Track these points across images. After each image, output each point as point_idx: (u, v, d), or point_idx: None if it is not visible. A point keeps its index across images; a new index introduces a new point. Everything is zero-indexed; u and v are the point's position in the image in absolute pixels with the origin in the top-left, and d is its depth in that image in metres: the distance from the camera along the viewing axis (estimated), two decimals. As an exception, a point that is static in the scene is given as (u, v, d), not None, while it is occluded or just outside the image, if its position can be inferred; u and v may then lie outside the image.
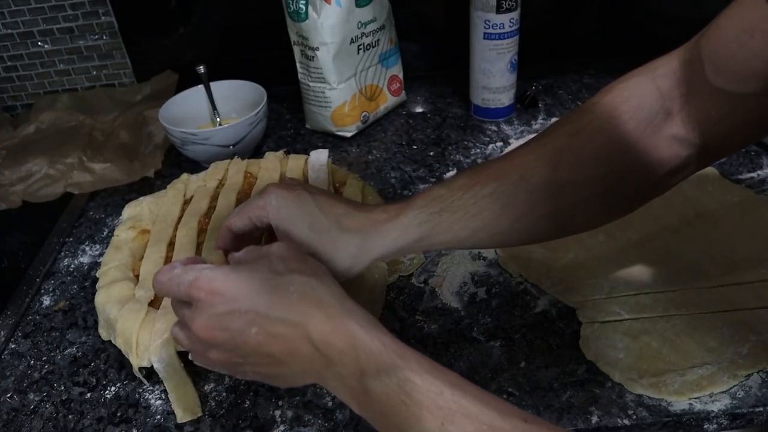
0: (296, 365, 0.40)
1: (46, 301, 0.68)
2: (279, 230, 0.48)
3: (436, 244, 0.49)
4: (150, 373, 0.56)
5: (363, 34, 0.85)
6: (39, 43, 1.00)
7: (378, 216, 0.48)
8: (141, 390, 0.56)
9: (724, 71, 0.42)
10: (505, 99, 0.89)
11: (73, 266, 0.72)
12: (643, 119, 0.46)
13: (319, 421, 0.52)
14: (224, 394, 0.55)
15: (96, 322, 0.62)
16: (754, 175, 0.74)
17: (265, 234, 0.52)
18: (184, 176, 0.76)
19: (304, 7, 0.81)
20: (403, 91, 0.97)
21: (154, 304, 0.59)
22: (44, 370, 0.59)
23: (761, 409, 0.50)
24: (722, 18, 0.42)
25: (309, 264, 0.43)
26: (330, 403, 0.53)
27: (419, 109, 0.97)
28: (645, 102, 0.46)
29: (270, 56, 0.96)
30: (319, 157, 0.74)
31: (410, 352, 0.39)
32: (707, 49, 0.43)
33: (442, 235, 0.48)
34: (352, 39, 0.84)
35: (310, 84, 0.87)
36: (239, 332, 0.39)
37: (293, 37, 0.86)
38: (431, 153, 0.84)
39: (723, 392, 0.51)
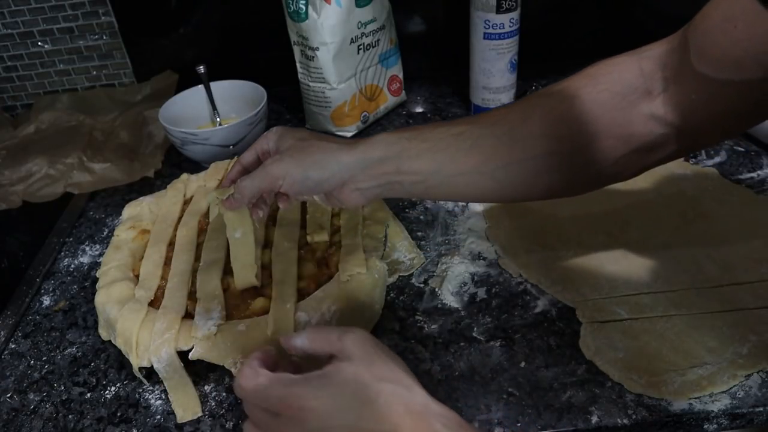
0: None
1: (46, 301, 0.68)
2: (273, 147, 0.53)
3: (403, 172, 0.51)
4: (150, 373, 0.56)
5: (363, 34, 0.85)
6: (39, 43, 1.00)
7: (352, 140, 0.53)
8: (141, 390, 0.56)
9: (707, 57, 0.44)
10: (505, 99, 0.89)
11: (73, 266, 0.72)
12: (619, 92, 0.48)
13: (319, 421, 0.52)
14: (224, 394, 0.55)
15: (96, 322, 0.62)
16: (754, 175, 0.75)
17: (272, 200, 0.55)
18: (184, 176, 0.76)
19: (304, 7, 0.81)
20: (403, 91, 0.97)
21: (154, 304, 0.59)
22: (44, 370, 0.59)
23: (761, 409, 0.50)
24: (709, 7, 0.44)
25: (393, 366, 0.43)
26: (330, 403, 0.53)
27: (419, 109, 0.97)
28: (625, 78, 0.49)
29: (270, 56, 0.96)
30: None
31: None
32: (693, 35, 0.45)
33: (408, 161, 0.51)
34: (352, 39, 0.84)
35: (310, 84, 0.87)
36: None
37: (293, 37, 0.86)
38: (431, 153, 0.84)
39: (723, 392, 0.51)
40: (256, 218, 0.55)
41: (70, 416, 0.55)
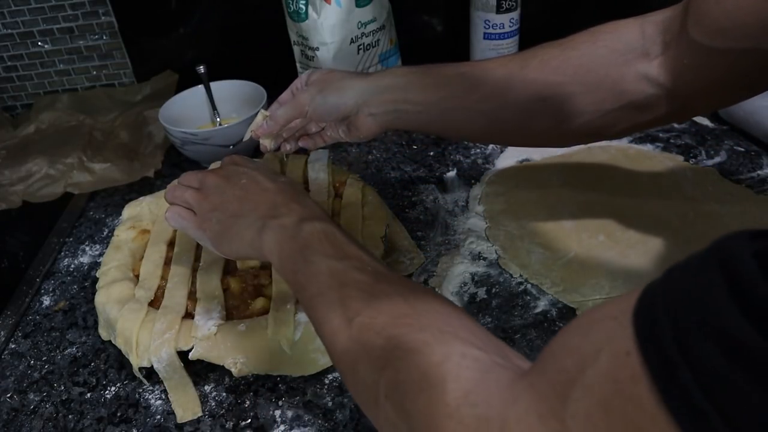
0: (252, 218, 0.50)
1: (46, 301, 0.68)
2: (305, 80, 0.62)
3: (409, 102, 0.58)
4: (150, 373, 0.56)
5: (363, 34, 0.85)
6: (39, 43, 1.00)
7: (371, 72, 0.62)
8: (141, 390, 0.56)
9: (700, 25, 0.46)
10: (505, 99, 0.89)
11: (73, 266, 0.72)
12: (617, 50, 0.52)
13: (319, 421, 0.52)
14: (224, 394, 0.55)
15: (96, 322, 0.62)
16: (754, 175, 0.74)
17: None
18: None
19: (304, 7, 0.81)
20: (403, 91, 0.97)
21: (154, 304, 0.59)
22: (44, 370, 0.59)
23: (761, 409, 0.50)
24: None
25: (295, 193, 0.54)
26: (330, 403, 0.53)
27: (419, 109, 0.97)
28: (625, 37, 0.52)
29: (270, 56, 0.96)
30: (319, 157, 0.74)
31: (339, 229, 0.48)
32: (692, 3, 0.47)
33: (414, 92, 0.57)
34: (352, 39, 0.84)
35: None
36: (232, 179, 0.53)
37: (293, 37, 0.86)
38: (431, 153, 0.84)
39: (723, 392, 0.50)
40: (284, 152, 0.66)
41: (70, 416, 0.55)
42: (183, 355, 0.54)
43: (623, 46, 0.52)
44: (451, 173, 0.80)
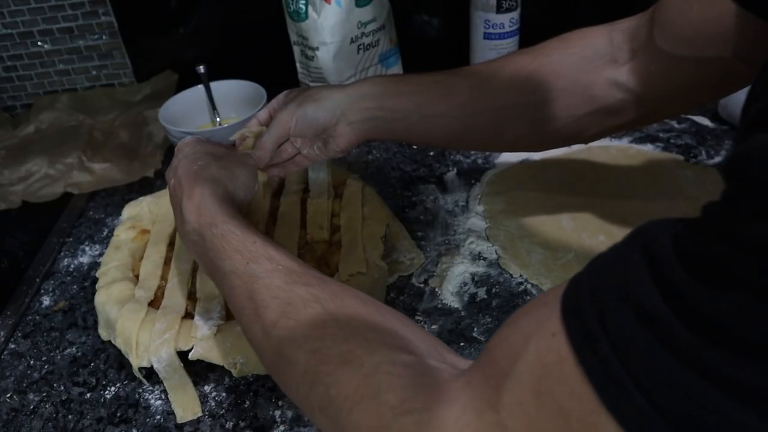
0: (177, 216, 0.52)
1: (46, 301, 0.67)
2: (283, 100, 0.62)
3: (385, 109, 0.58)
4: (150, 373, 0.56)
5: (363, 34, 0.85)
6: (39, 43, 1.00)
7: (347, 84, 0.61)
8: (141, 390, 0.56)
9: (665, 33, 0.48)
10: (505, 99, 0.89)
11: (72, 266, 0.72)
12: (587, 57, 0.54)
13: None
14: (224, 394, 0.55)
15: (96, 322, 0.62)
16: (754, 175, 0.74)
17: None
18: (184, 176, 0.76)
19: (304, 7, 0.81)
20: (403, 91, 0.97)
21: (154, 304, 0.59)
22: (44, 370, 0.59)
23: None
24: None
25: (234, 165, 0.56)
26: (330, 403, 0.53)
27: (419, 109, 0.97)
28: (594, 45, 0.54)
29: (270, 56, 0.96)
30: (319, 157, 0.74)
31: (242, 221, 0.47)
32: (658, 11, 0.49)
33: (390, 100, 0.58)
34: (352, 39, 0.84)
35: (310, 84, 0.87)
36: (169, 173, 0.55)
37: (293, 37, 0.86)
38: (431, 153, 0.84)
39: (723, 392, 0.51)
40: (270, 176, 0.65)
41: (70, 416, 0.55)
42: (183, 355, 0.54)
43: (592, 53, 0.54)
44: (451, 173, 0.80)
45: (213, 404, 0.54)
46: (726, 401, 0.21)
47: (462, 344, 0.57)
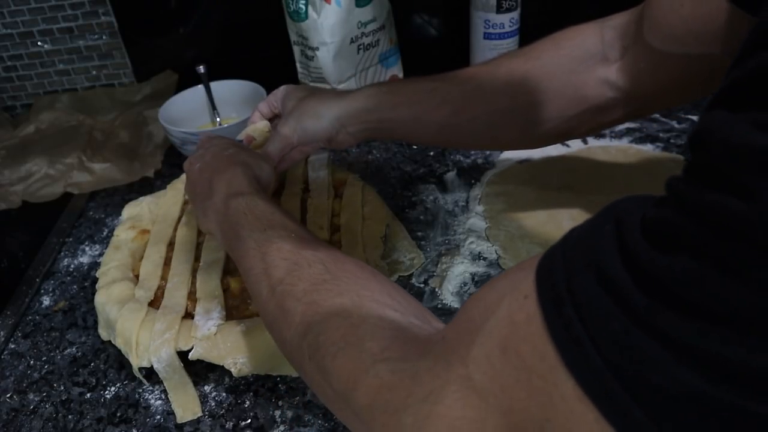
0: (199, 194, 0.55)
1: (46, 301, 0.67)
2: (281, 108, 0.66)
3: (384, 120, 0.60)
4: (150, 373, 0.56)
5: (363, 33, 0.85)
6: (39, 43, 1.00)
7: (344, 91, 0.63)
8: (141, 390, 0.56)
9: (655, 30, 0.48)
10: (505, 99, 0.89)
11: (72, 266, 0.72)
12: (578, 57, 0.54)
13: (319, 421, 0.52)
14: (224, 394, 0.55)
15: (96, 322, 0.62)
16: (754, 175, 0.74)
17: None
18: (184, 176, 0.76)
19: (304, 7, 0.81)
20: (403, 91, 0.97)
21: (154, 304, 0.59)
22: (44, 370, 0.59)
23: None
24: None
25: (254, 158, 0.59)
26: (330, 403, 0.53)
27: (419, 109, 0.97)
28: (586, 44, 0.54)
29: (270, 56, 0.96)
30: (319, 157, 0.74)
31: (265, 196, 0.52)
32: (647, 8, 0.49)
33: (387, 113, 0.59)
34: (352, 39, 0.84)
35: (310, 84, 0.87)
36: (195, 161, 0.59)
37: (293, 37, 0.86)
38: (431, 153, 0.84)
39: (723, 392, 0.50)
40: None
41: (70, 416, 0.55)
42: (183, 355, 0.54)
43: (584, 53, 0.54)
44: (451, 173, 0.80)
45: (213, 404, 0.54)
46: (674, 362, 0.22)
47: (462, 344, 0.57)
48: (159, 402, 0.55)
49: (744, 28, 0.41)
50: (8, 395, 0.57)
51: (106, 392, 0.56)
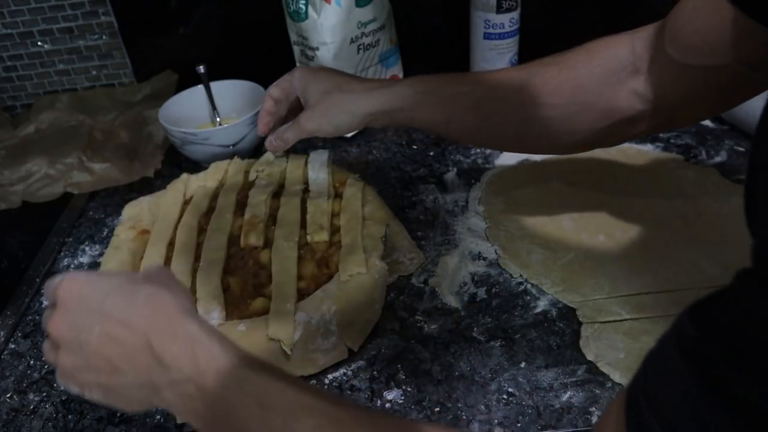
0: (133, 375, 0.38)
1: (46, 301, 0.67)
2: (301, 95, 0.65)
3: (416, 120, 0.61)
4: (150, 373, 0.56)
5: (363, 34, 0.85)
6: (39, 43, 1.00)
7: (373, 83, 0.62)
8: (141, 390, 0.56)
9: (674, 42, 0.48)
10: (505, 99, 0.89)
11: (73, 266, 0.72)
12: (612, 68, 0.54)
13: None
14: (224, 394, 0.55)
15: (96, 322, 0.62)
16: (754, 175, 0.74)
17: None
18: (184, 176, 0.76)
19: (304, 7, 0.81)
20: (403, 91, 0.97)
21: (154, 304, 0.59)
22: (44, 370, 0.59)
23: (761, 409, 0.50)
24: None
25: (168, 280, 0.43)
26: (330, 403, 0.53)
27: (419, 109, 0.97)
28: (618, 55, 0.54)
29: (270, 56, 0.96)
30: (320, 157, 0.74)
31: (251, 356, 0.39)
32: (668, 21, 0.49)
33: (421, 113, 0.60)
34: (352, 39, 0.84)
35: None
36: (83, 330, 0.39)
37: (293, 37, 0.86)
38: (431, 153, 0.84)
39: (723, 392, 0.51)
40: (281, 146, 0.67)
41: (70, 416, 0.55)
42: (183, 355, 0.54)
43: (617, 64, 0.54)
44: (451, 173, 0.80)
45: (213, 404, 0.54)
46: None
47: (462, 344, 0.57)
48: (159, 402, 0.55)
49: (757, 38, 0.41)
50: (8, 395, 0.57)
51: (106, 392, 0.56)
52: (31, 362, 0.60)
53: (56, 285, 0.41)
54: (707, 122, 0.84)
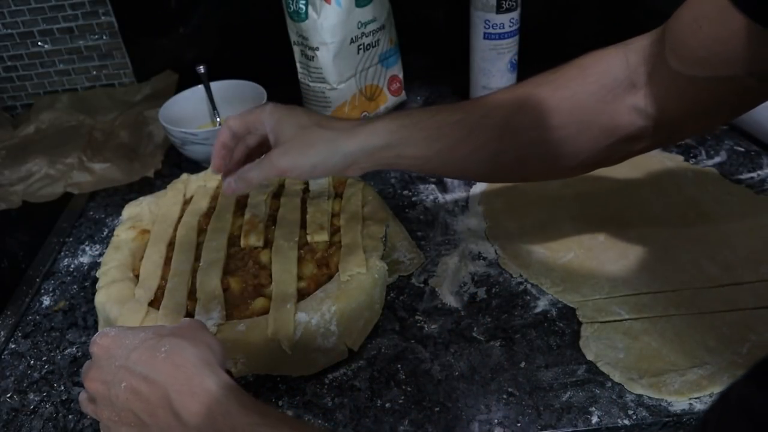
0: (156, 430, 0.41)
1: (46, 301, 0.68)
2: (271, 132, 0.55)
3: (403, 157, 0.54)
4: (150, 373, 0.56)
5: (363, 34, 0.85)
6: (39, 43, 1.00)
7: (354, 122, 0.56)
8: (141, 390, 0.56)
9: (677, 54, 0.46)
10: (505, 99, 0.89)
11: (73, 266, 0.72)
12: (607, 84, 0.51)
13: (319, 421, 0.52)
14: (224, 394, 0.55)
15: (96, 322, 0.62)
16: (754, 175, 0.75)
17: None
18: (184, 176, 0.76)
19: (304, 7, 0.81)
20: (403, 91, 0.97)
21: (154, 304, 0.59)
22: (44, 370, 0.59)
23: (761, 409, 0.50)
24: (684, 6, 0.45)
25: (194, 332, 0.45)
26: (330, 403, 0.53)
27: (419, 109, 0.97)
28: (612, 70, 0.51)
29: (270, 56, 0.96)
30: (319, 157, 0.74)
31: (271, 410, 0.40)
32: (669, 32, 0.47)
33: (408, 148, 0.54)
34: (352, 39, 0.84)
35: (310, 84, 0.87)
36: (113, 385, 0.42)
37: (293, 37, 0.86)
38: (431, 153, 0.84)
39: (723, 392, 0.51)
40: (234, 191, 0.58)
41: (70, 416, 0.55)
42: (183, 355, 0.54)
43: (612, 80, 0.51)
44: (451, 173, 0.79)
45: (213, 404, 0.54)
46: None
47: (462, 344, 0.57)
48: (159, 402, 0.55)
49: (766, 47, 0.40)
50: (8, 395, 0.57)
51: (106, 392, 0.56)
52: (31, 362, 0.60)
53: (92, 342, 0.45)
54: (707, 122, 0.84)
